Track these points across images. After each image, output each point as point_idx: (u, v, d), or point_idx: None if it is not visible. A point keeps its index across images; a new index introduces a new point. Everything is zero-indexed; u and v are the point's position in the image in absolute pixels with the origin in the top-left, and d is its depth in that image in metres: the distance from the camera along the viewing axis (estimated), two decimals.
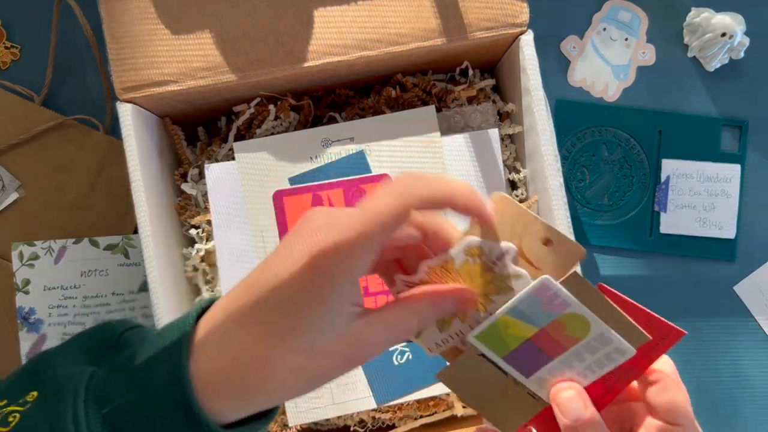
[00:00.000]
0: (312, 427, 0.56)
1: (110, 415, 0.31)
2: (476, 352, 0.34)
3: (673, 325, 0.32)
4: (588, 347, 0.34)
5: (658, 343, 0.33)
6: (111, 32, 0.48)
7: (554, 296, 0.32)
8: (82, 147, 0.62)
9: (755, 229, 0.65)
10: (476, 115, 0.56)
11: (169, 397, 0.30)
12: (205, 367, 0.31)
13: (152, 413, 0.31)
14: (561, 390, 0.34)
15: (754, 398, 0.65)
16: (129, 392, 0.31)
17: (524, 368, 0.35)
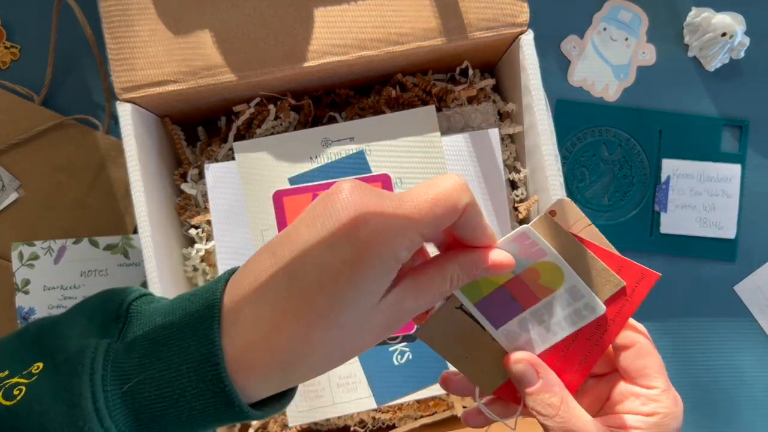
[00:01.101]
0: (312, 427, 0.56)
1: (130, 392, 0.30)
2: (454, 305, 0.34)
3: (646, 268, 0.32)
4: (560, 300, 0.34)
5: (633, 290, 0.33)
6: (111, 32, 0.48)
7: (533, 244, 0.33)
8: (82, 147, 0.62)
9: (755, 229, 0.65)
10: (476, 115, 0.56)
11: (198, 374, 0.29)
12: (237, 345, 0.29)
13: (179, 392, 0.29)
14: (514, 362, 0.35)
15: (754, 398, 0.65)
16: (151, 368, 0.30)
17: (495, 317, 0.35)
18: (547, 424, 0.34)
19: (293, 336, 0.29)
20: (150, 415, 0.30)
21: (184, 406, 0.29)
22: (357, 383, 0.52)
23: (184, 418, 0.30)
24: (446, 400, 0.55)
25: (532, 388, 0.34)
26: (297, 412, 0.52)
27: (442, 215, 0.29)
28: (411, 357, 0.52)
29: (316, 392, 0.52)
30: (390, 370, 0.52)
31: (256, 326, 0.29)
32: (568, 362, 0.35)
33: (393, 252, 0.29)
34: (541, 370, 0.35)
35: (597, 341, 0.34)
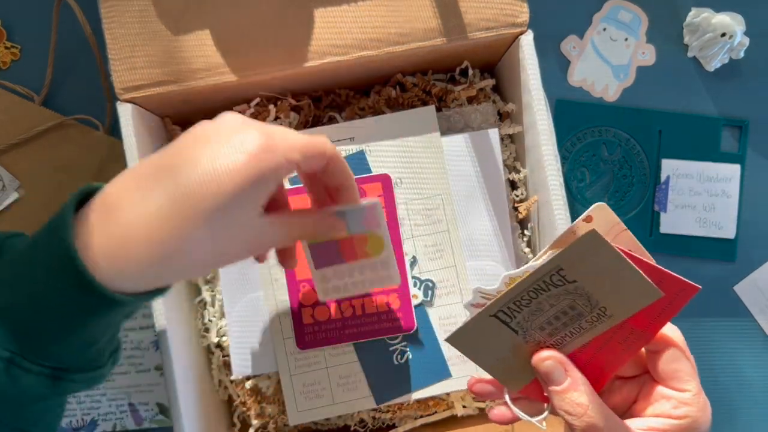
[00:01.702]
0: (312, 427, 0.56)
1: (5, 310, 0.31)
2: (489, 313, 0.34)
3: (686, 280, 0.32)
4: (371, 265, 0.43)
5: (672, 301, 0.33)
6: (111, 32, 0.48)
7: (374, 216, 0.42)
8: (82, 147, 0.62)
9: (755, 229, 0.65)
10: (476, 115, 0.56)
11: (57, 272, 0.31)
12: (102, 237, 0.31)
13: (43, 294, 0.31)
14: (542, 360, 0.35)
15: (754, 398, 0.65)
16: (20, 283, 0.31)
17: (319, 260, 0.44)
18: (575, 423, 0.33)
19: (174, 232, 0.31)
20: (28, 329, 0.32)
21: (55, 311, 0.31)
22: (357, 383, 0.52)
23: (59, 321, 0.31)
24: (446, 400, 0.55)
25: (560, 386, 0.34)
26: (297, 411, 0.52)
27: (313, 155, 0.36)
28: (411, 357, 0.52)
29: (316, 392, 0.52)
30: (390, 370, 0.52)
31: (131, 220, 0.31)
32: (597, 363, 0.35)
33: (280, 174, 0.34)
34: (569, 368, 0.34)
35: (629, 346, 0.34)
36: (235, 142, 0.32)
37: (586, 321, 0.34)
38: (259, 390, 0.54)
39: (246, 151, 0.32)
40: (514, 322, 0.35)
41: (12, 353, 0.31)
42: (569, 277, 0.33)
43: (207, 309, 0.55)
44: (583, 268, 0.32)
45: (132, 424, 0.62)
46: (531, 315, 0.34)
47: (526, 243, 0.55)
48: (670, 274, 0.32)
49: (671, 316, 0.33)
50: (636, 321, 0.33)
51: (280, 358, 0.52)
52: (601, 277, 0.33)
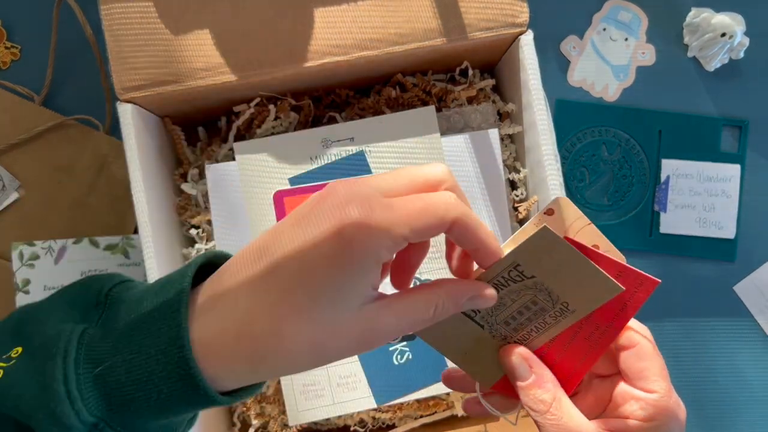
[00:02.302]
0: (312, 427, 0.56)
1: (102, 376, 0.30)
2: None
3: (645, 274, 0.32)
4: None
5: (633, 295, 0.33)
6: (111, 32, 0.48)
7: None
8: (82, 147, 0.62)
9: (755, 229, 0.65)
10: (476, 115, 0.56)
11: (166, 358, 0.29)
12: (209, 332, 0.30)
13: (147, 375, 0.29)
14: (506, 354, 0.35)
15: (754, 398, 0.65)
16: (123, 352, 0.30)
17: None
18: (538, 420, 0.34)
19: (264, 328, 0.29)
20: (120, 399, 0.30)
21: (152, 390, 0.30)
22: (357, 383, 0.52)
23: (153, 401, 0.30)
24: (446, 400, 0.55)
25: (524, 382, 0.34)
26: (297, 411, 0.52)
27: (426, 227, 0.29)
28: (411, 357, 0.52)
29: (316, 392, 0.52)
30: (390, 370, 0.52)
31: (230, 315, 0.30)
32: (567, 361, 0.35)
33: (374, 252, 0.29)
34: (535, 365, 0.34)
35: (596, 342, 0.34)
36: (327, 221, 0.28)
37: (549, 316, 0.34)
38: None
39: (337, 235, 0.28)
40: (478, 316, 0.35)
41: (98, 419, 0.30)
42: (527, 273, 0.33)
43: None
44: (539, 264, 0.32)
45: None
46: (494, 310, 0.34)
47: None
48: (629, 268, 0.32)
49: (634, 311, 0.33)
50: (599, 317, 0.33)
51: None
52: (559, 273, 0.33)
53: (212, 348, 0.29)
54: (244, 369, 0.30)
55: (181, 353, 0.29)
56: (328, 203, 0.29)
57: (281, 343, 0.29)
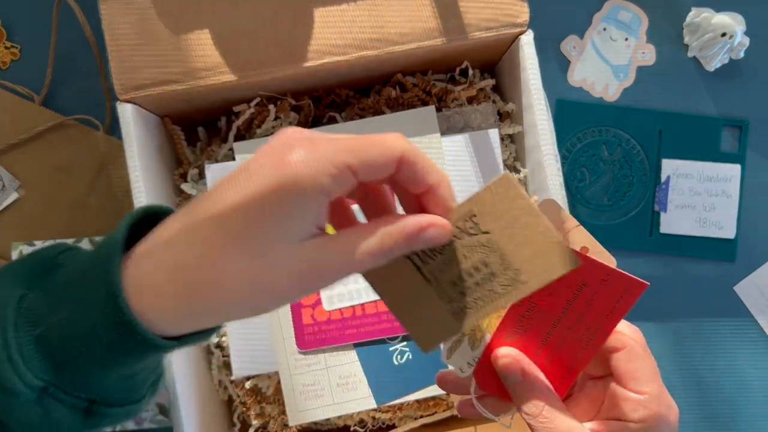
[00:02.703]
0: (312, 427, 0.56)
1: (43, 336, 0.29)
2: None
3: (633, 276, 0.32)
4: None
5: (620, 298, 0.32)
6: (111, 32, 0.48)
7: None
8: (82, 147, 0.62)
9: (755, 229, 0.65)
10: (476, 115, 0.56)
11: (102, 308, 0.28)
12: (144, 271, 0.29)
13: (88, 329, 0.29)
14: (500, 357, 0.34)
15: (754, 398, 0.65)
16: (61, 310, 0.29)
17: None
18: (531, 423, 0.33)
19: (197, 257, 0.28)
20: (64, 357, 0.29)
21: (95, 343, 0.29)
22: (357, 383, 0.52)
23: (97, 355, 0.29)
24: (446, 400, 0.55)
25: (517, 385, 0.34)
26: (297, 411, 0.52)
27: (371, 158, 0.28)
28: (411, 357, 0.52)
29: (316, 392, 0.52)
30: (390, 370, 0.52)
31: (166, 251, 0.28)
32: (558, 363, 0.35)
33: (317, 179, 0.27)
34: (527, 367, 0.34)
35: (587, 344, 0.34)
36: (270, 155, 0.28)
37: (499, 284, 0.32)
38: (259, 390, 0.54)
39: (277, 165, 0.27)
40: (426, 268, 0.33)
41: (46, 382, 0.29)
42: (482, 226, 0.32)
43: None
44: (495, 217, 0.31)
45: (132, 424, 0.62)
46: (444, 265, 0.32)
47: None
48: (616, 271, 0.32)
49: (624, 312, 0.33)
50: (590, 317, 0.33)
51: (280, 359, 0.52)
52: (514, 232, 0.31)
53: (146, 287, 0.28)
54: (179, 306, 0.28)
55: (115, 301, 0.28)
56: (272, 141, 0.28)
57: (215, 275, 0.27)
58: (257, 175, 0.27)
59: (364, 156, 0.28)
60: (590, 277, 0.32)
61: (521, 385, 0.34)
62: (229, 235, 0.27)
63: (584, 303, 0.33)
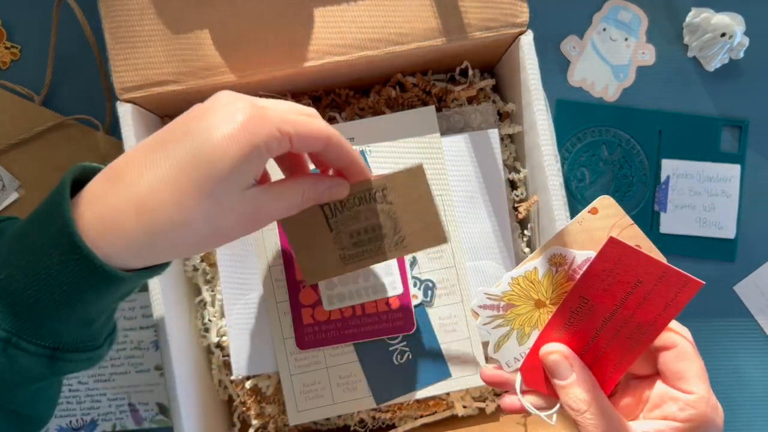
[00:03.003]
0: (312, 426, 0.56)
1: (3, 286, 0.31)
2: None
3: (689, 275, 0.32)
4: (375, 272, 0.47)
5: (676, 295, 0.32)
6: (111, 32, 0.48)
7: None
8: (82, 147, 0.62)
9: (755, 229, 0.65)
10: (476, 115, 0.56)
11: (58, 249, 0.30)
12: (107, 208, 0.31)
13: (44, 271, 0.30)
14: (548, 353, 0.35)
15: (754, 398, 0.65)
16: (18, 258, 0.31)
17: None
18: (578, 419, 0.33)
19: (165, 198, 0.31)
20: (25, 304, 0.31)
21: (53, 284, 0.31)
22: (357, 383, 0.52)
23: (57, 296, 0.31)
24: (446, 400, 0.55)
25: (565, 381, 0.34)
26: (297, 411, 0.52)
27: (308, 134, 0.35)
28: (411, 357, 0.52)
29: (316, 392, 0.52)
30: (390, 370, 0.52)
31: (130, 189, 0.32)
32: (605, 360, 0.34)
33: (265, 140, 0.33)
34: (575, 364, 0.34)
35: (636, 342, 0.34)
36: (227, 113, 0.33)
37: (386, 244, 0.40)
38: (259, 390, 0.54)
39: (237, 121, 0.32)
40: (333, 219, 0.40)
41: (9, 333, 0.31)
42: (389, 198, 0.39)
43: (207, 309, 0.55)
44: (402, 193, 0.39)
45: (132, 424, 0.62)
46: (348, 219, 0.41)
47: (526, 243, 0.55)
48: (673, 268, 0.32)
49: (677, 311, 0.33)
50: (642, 315, 0.33)
51: (280, 358, 0.52)
52: (410, 208, 0.40)
53: (109, 224, 0.31)
54: (142, 242, 0.31)
55: (71, 239, 0.30)
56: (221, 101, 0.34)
57: (180, 214, 0.31)
58: (217, 129, 0.32)
59: (302, 130, 0.35)
60: (646, 274, 0.32)
61: (570, 382, 0.34)
62: (193, 182, 0.31)
63: (637, 300, 0.33)
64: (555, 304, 0.34)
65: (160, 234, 0.31)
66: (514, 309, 0.35)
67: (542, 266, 0.34)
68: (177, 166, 0.31)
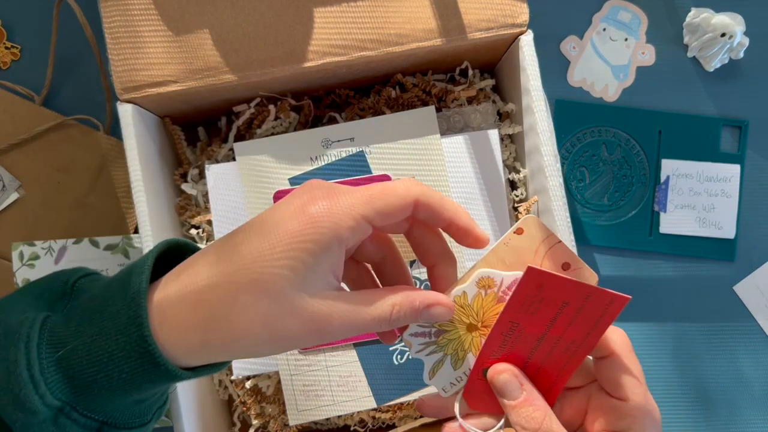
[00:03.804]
0: (312, 426, 0.56)
1: (64, 359, 0.30)
2: None
3: (614, 292, 0.32)
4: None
5: (605, 312, 0.32)
6: (111, 32, 0.48)
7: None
8: (82, 147, 0.62)
9: (755, 229, 0.65)
10: (476, 115, 0.56)
11: (125, 337, 0.30)
12: (168, 302, 0.30)
13: (108, 355, 0.30)
14: (498, 372, 0.34)
15: (754, 398, 0.65)
16: (84, 335, 0.30)
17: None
18: None
19: (220, 294, 0.29)
20: (83, 381, 0.30)
21: (113, 369, 0.30)
22: (357, 383, 0.52)
23: (115, 380, 0.30)
24: None
25: (516, 401, 0.33)
26: (297, 411, 0.52)
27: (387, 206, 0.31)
28: (411, 357, 0.52)
29: (316, 392, 0.52)
30: (390, 370, 0.52)
31: (191, 284, 0.30)
32: (544, 376, 0.34)
33: (336, 230, 0.29)
34: (524, 382, 0.34)
35: (572, 355, 0.34)
36: (292, 207, 0.30)
37: None
38: (259, 390, 0.54)
39: (300, 215, 0.29)
40: None
41: (64, 403, 0.30)
42: None
43: None
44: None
45: None
46: None
47: None
48: (597, 289, 0.32)
49: (608, 325, 0.33)
50: (574, 332, 0.33)
51: (280, 358, 0.52)
52: None
53: (169, 318, 0.30)
54: (196, 339, 0.30)
55: (140, 331, 0.29)
56: (297, 191, 0.31)
57: (234, 312, 0.29)
58: (282, 223, 0.29)
59: (378, 205, 0.30)
60: (571, 296, 0.32)
61: (521, 401, 0.34)
62: (252, 277, 0.29)
63: (567, 320, 0.32)
64: (487, 326, 0.34)
65: (213, 332, 0.29)
66: (446, 334, 0.35)
67: (470, 290, 0.34)
68: (238, 260, 0.29)
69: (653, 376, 0.65)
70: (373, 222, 0.30)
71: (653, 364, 0.65)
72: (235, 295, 0.29)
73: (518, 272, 0.33)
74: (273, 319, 0.29)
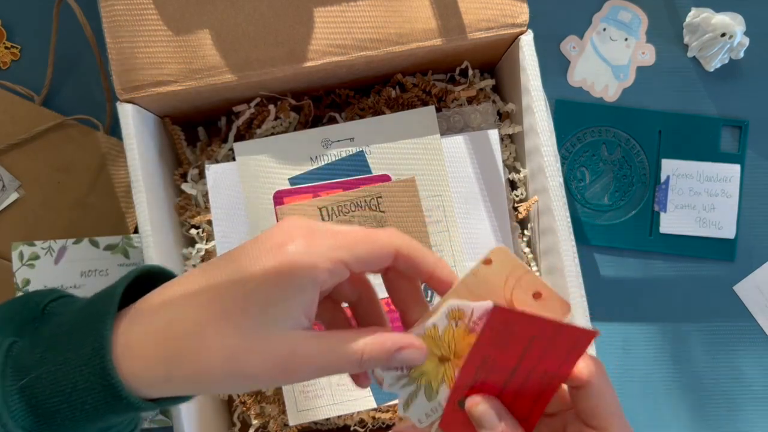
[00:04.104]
0: (312, 426, 0.56)
1: (28, 387, 0.30)
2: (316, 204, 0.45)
3: (582, 328, 0.31)
4: None
5: (574, 346, 0.32)
6: (111, 32, 0.48)
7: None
8: (82, 147, 0.62)
9: (755, 229, 0.65)
10: (476, 115, 0.56)
11: (89, 369, 0.29)
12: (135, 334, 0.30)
13: (71, 386, 0.29)
14: (475, 404, 0.34)
15: (754, 398, 0.65)
16: (48, 363, 0.30)
17: None
18: None
19: (187, 327, 0.29)
20: (47, 410, 0.30)
21: (76, 401, 0.30)
22: None
23: (78, 412, 0.30)
24: None
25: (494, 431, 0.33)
26: (297, 411, 0.52)
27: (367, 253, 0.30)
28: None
29: (316, 392, 0.52)
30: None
31: (159, 318, 0.30)
32: (520, 404, 0.34)
33: (312, 271, 0.29)
34: (503, 413, 0.33)
35: (547, 384, 0.33)
36: (270, 243, 0.29)
37: None
38: (259, 390, 0.54)
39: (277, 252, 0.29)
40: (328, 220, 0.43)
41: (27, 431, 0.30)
42: (382, 207, 0.43)
43: None
44: (394, 204, 0.42)
45: None
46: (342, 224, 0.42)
47: (526, 243, 0.55)
48: (564, 325, 0.31)
49: (577, 359, 0.32)
50: (546, 364, 0.33)
51: None
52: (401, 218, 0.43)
53: (134, 350, 0.29)
54: (159, 373, 0.29)
55: (102, 363, 0.29)
56: (278, 227, 0.30)
57: (199, 346, 0.29)
58: (259, 259, 0.29)
59: (358, 252, 0.30)
60: (539, 331, 0.32)
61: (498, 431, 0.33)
62: (221, 310, 0.29)
63: (538, 353, 0.32)
64: (459, 357, 0.34)
65: (176, 366, 0.29)
66: (419, 367, 0.34)
67: (441, 322, 0.33)
68: (208, 292, 0.29)
69: (653, 376, 0.65)
70: (351, 267, 0.30)
71: (653, 364, 0.65)
72: (201, 327, 0.29)
73: (488, 302, 0.33)
74: (237, 354, 0.29)
